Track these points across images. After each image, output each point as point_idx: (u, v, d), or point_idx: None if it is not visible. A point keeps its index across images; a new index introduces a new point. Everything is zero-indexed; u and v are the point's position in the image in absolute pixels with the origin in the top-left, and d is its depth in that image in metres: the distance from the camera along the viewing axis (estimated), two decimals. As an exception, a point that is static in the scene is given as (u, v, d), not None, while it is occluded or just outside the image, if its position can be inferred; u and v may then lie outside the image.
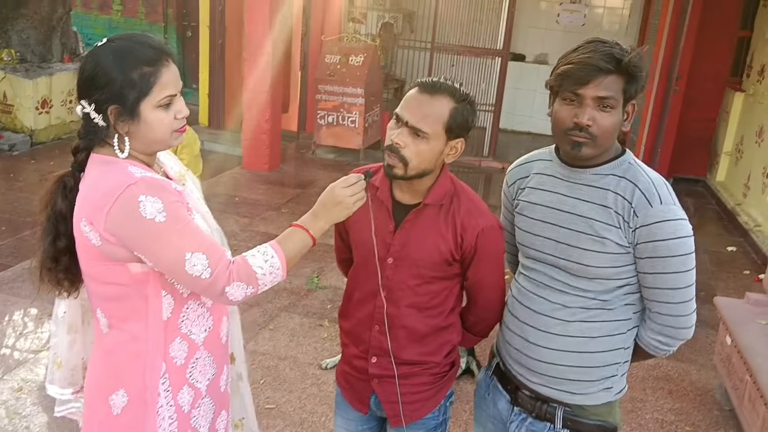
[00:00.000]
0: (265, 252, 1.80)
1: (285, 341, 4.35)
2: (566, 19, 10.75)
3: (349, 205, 1.93)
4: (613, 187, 1.88)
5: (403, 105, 1.97)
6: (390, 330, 2.08)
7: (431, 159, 1.96)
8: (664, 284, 1.86)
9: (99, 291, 1.80)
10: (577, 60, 1.80)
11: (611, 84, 1.79)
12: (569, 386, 1.98)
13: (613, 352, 1.97)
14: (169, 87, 1.73)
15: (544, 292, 1.99)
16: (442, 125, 1.92)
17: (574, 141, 1.85)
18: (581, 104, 1.81)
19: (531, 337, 1.99)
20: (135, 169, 1.71)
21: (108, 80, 1.68)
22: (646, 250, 1.84)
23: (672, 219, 1.82)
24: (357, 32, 8.56)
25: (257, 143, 7.79)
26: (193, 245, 1.69)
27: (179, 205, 1.72)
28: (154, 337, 1.79)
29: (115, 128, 1.72)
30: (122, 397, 1.80)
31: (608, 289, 1.91)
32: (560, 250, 1.94)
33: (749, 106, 7.83)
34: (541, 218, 1.99)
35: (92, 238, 1.69)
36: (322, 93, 8.32)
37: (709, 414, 3.96)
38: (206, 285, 1.71)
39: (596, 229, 1.87)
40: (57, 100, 8.68)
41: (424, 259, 2.02)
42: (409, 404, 2.14)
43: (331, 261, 5.49)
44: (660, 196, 1.83)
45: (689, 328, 1.93)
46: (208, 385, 1.91)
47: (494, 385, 2.17)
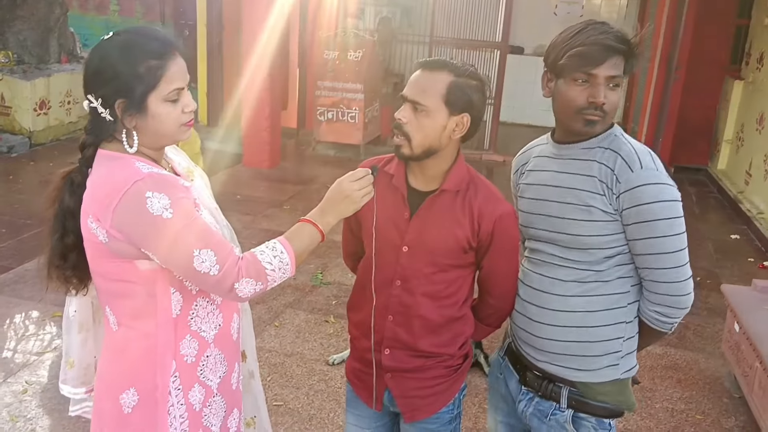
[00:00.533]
0: (274, 248, 1.77)
1: (291, 338, 4.33)
2: (564, 10, 10.72)
3: (357, 199, 1.91)
4: (597, 157, 1.92)
5: (407, 84, 1.99)
6: (404, 320, 2.06)
7: (434, 134, 1.94)
8: (652, 249, 1.87)
9: (107, 288, 1.78)
10: (590, 41, 1.84)
11: (619, 63, 1.86)
12: (573, 362, 2.00)
13: (614, 326, 1.97)
14: (176, 80, 1.71)
15: (541, 269, 2.03)
16: (441, 98, 1.92)
17: (587, 120, 1.89)
18: (595, 84, 1.85)
19: (533, 315, 2.03)
20: (142, 164, 1.69)
21: (115, 74, 1.66)
22: (630, 215, 1.86)
23: (654, 183, 1.84)
24: (355, 28, 8.52)
25: (257, 140, 7.77)
26: (201, 242, 1.66)
27: (186, 201, 1.69)
28: (164, 335, 1.76)
29: (123, 122, 1.69)
30: (133, 396, 1.78)
31: (599, 260, 1.94)
32: (551, 223, 1.99)
33: (749, 93, 7.81)
34: (536, 196, 2.04)
35: (99, 234, 1.67)
36: (321, 89, 8.30)
37: (719, 402, 3.94)
38: (215, 282, 1.69)
39: (582, 198, 1.91)
40: (55, 101, 8.66)
41: (440, 246, 2.00)
42: (424, 398, 2.11)
43: (335, 257, 5.49)
44: (641, 162, 1.86)
45: (687, 296, 1.92)
46: (220, 383, 1.89)
47: (506, 365, 2.21)
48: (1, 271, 4.99)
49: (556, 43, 1.93)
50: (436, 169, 2.01)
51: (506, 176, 2.25)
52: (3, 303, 4.54)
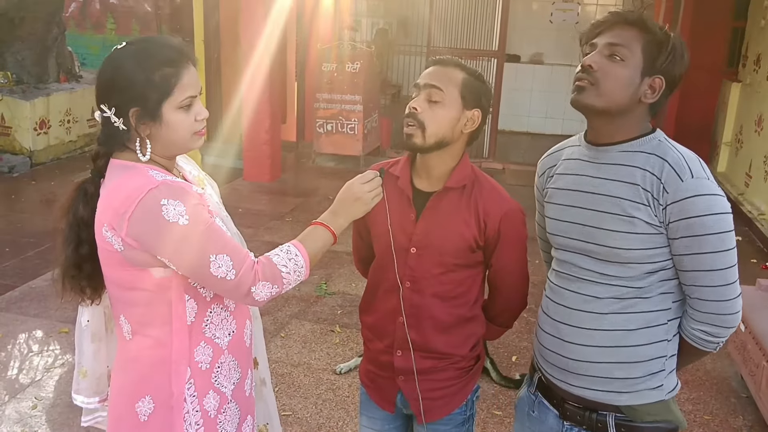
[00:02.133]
0: (288, 251, 1.79)
1: (297, 348, 4.33)
2: (559, 17, 10.79)
3: (367, 200, 1.94)
4: (641, 163, 1.77)
5: (421, 77, 2.01)
6: (416, 321, 2.07)
7: (448, 125, 1.96)
8: (702, 266, 1.72)
9: (122, 297, 1.79)
10: (608, 13, 1.82)
11: (628, 35, 1.74)
12: (613, 385, 1.84)
13: (655, 345, 1.83)
14: (189, 88, 1.72)
15: (574, 285, 1.88)
16: (457, 89, 1.95)
17: (576, 85, 1.78)
18: (594, 50, 1.78)
19: (565, 335, 1.88)
20: (155, 173, 1.70)
21: (129, 82, 1.67)
22: (679, 228, 1.71)
23: (706, 194, 1.69)
24: (352, 39, 8.57)
25: (258, 154, 7.80)
26: (217, 247, 1.68)
27: (201, 208, 1.70)
28: (179, 342, 1.77)
29: (137, 131, 1.70)
30: (148, 404, 1.79)
31: (640, 275, 1.79)
32: (586, 233, 1.83)
33: (747, 95, 7.84)
34: (568, 203, 1.89)
35: (114, 243, 1.68)
36: (320, 101, 8.34)
37: (727, 402, 3.94)
38: (232, 286, 1.70)
39: (624, 208, 1.76)
40: (55, 120, 8.69)
41: (447, 246, 2.01)
42: (436, 400, 2.12)
43: (339, 267, 5.50)
44: (691, 170, 1.71)
45: (734, 314, 1.77)
46: (234, 390, 1.90)
47: (539, 401, 2.03)
48: (7, 290, 4.99)
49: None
50: (442, 167, 2.02)
51: (506, 183, 2.24)
52: (10, 320, 4.55)
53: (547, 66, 10.84)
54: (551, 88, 10.71)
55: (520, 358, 4.31)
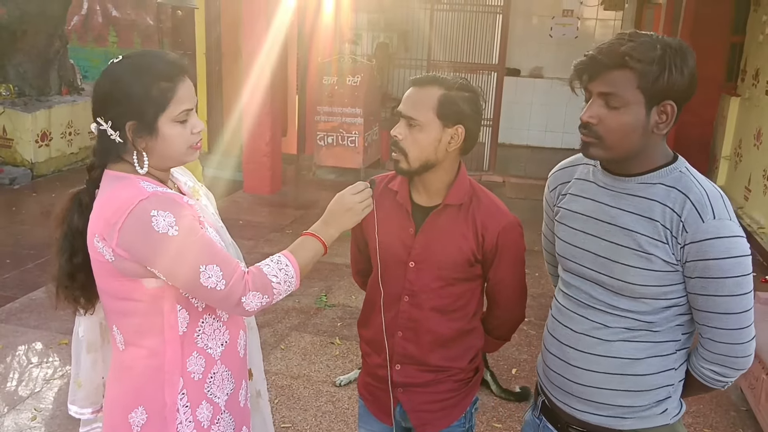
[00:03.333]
0: (278, 261, 1.80)
1: (297, 360, 4.33)
2: (559, 32, 10.83)
3: (358, 211, 1.95)
4: (661, 198, 1.70)
5: (401, 102, 2.01)
6: (414, 335, 2.07)
7: (429, 148, 1.96)
8: (716, 308, 1.68)
9: (114, 307, 1.80)
10: (586, 55, 1.70)
11: (616, 79, 1.64)
12: (617, 411, 1.82)
13: (662, 374, 1.79)
14: (185, 101, 1.74)
15: (584, 311, 1.83)
16: (432, 111, 1.94)
17: (581, 140, 1.74)
18: (591, 101, 1.70)
19: (571, 359, 1.84)
20: (147, 184, 1.72)
21: (126, 96, 1.69)
22: (696, 269, 1.66)
23: (726, 236, 1.64)
24: (353, 53, 8.61)
25: (258, 166, 7.82)
26: (207, 258, 1.69)
27: (191, 219, 1.72)
28: (171, 352, 1.78)
29: (133, 144, 1.72)
30: (141, 415, 1.79)
31: (654, 310, 1.75)
32: (600, 264, 1.78)
33: (745, 109, 7.87)
34: (581, 228, 1.83)
35: (106, 254, 1.69)
36: (321, 114, 8.36)
37: (726, 415, 3.93)
38: (222, 296, 1.71)
39: (641, 244, 1.70)
40: (56, 132, 8.71)
41: (446, 260, 2.02)
42: (435, 412, 2.12)
43: (339, 279, 5.50)
44: (713, 210, 1.65)
45: (746, 358, 1.73)
46: (227, 400, 1.90)
47: (544, 425, 2.00)
48: (7, 301, 4.99)
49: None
50: (438, 184, 2.03)
51: (505, 197, 2.23)
52: (10, 332, 4.54)
53: (546, 80, 10.88)
54: (551, 102, 10.74)
55: (519, 370, 4.31)
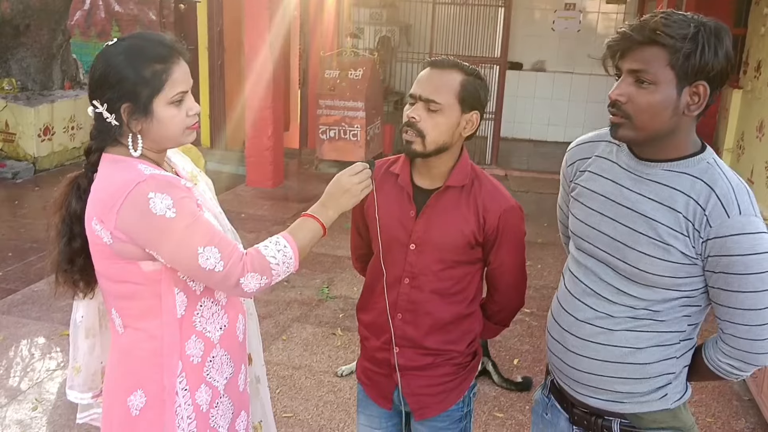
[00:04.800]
0: (277, 242, 1.80)
1: (299, 351, 4.33)
2: (561, 25, 10.81)
3: (356, 192, 1.94)
4: (685, 188, 1.66)
5: (416, 83, 2.00)
6: (413, 317, 2.08)
7: (448, 131, 1.96)
8: (738, 304, 1.65)
9: (113, 290, 1.80)
10: (618, 31, 1.66)
11: (647, 56, 1.60)
12: (616, 396, 1.81)
13: (663, 363, 1.78)
14: (180, 83, 1.74)
15: (589, 299, 1.81)
16: (454, 95, 1.95)
17: (610, 121, 1.70)
18: (621, 78, 1.67)
19: (571, 346, 1.84)
20: (144, 166, 1.71)
21: (120, 78, 1.69)
22: (719, 264, 1.63)
23: (752, 232, 1.59)
24: (354, 47, 8.60)
25: (260, 160, 7.82)
26: (205, 239, 1.69)
27: (189, 201, 1.72)
28: (170, 335, 1.79)
29: (129, 126, 1.72)
30: (140, 398, 1.80)
31: (663, 299, 1.72)
32: (615, 248, 1.75)
33: (748, 102, 7.84)
34: (599, 209, 1.79)
35: (104, 236, 1.69)
36: (323, 108, 8.36)
37: (729, 404, 3.93)
38: (220, 278, 1.71)
39: (660, 234, 1.67)
40: (59, 127, 8.72)
41: (447, 243, 2.02)
42: (434, 396, 2.13)
43: (341, 271, 5.51)
44: (739, 205, 1.61)
45: (766, 354, 1.70)
46: (226, 384, 1.90)
47: (552, 404, 2.01)
48: (9, 293, 5.00)
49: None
50: (442, 167, 2.03)
51: (509, 190, 2.16)
52: (12, 323, 4.55)
53: (549, 73, 10.86)
54: (553, 96, 10.73)
55: (521, 360, 4.31)
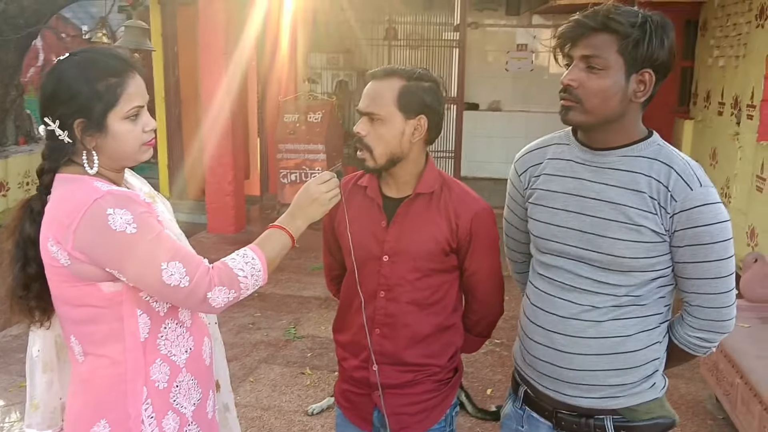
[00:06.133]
0: (245, 254, 1.74)
1: (267, 392, 4.21)
2: (514, 66, 11.02)
3: (324, 201, 1.90)
4: (645, 170, 1.73)
5: (361, 98, 1.99)
6: (391, 331, 2.02)
7: (394, 141, 1.94)
8: (706, 274, 1.71)
9: (71, 315, 1.71)
10: (570, 20, 1.72)
11: (599, 42, 1.67)
12: (609, 391, 1.82)
13: (649, 349, 1.82)
14: (135, 98, 1.69)
15: (569, 294, 1.81)
16: (393, 104, 1.93)
17: (561, 105, 1.75)
18: (573, 65, 1.73)
19: (561, 346, 1.82)
20: (101, 183, 1.65)
21: (73, 93, 1.63)
22: (685, 237, 1.69)
23: (713, 202, 1.68)
24: (313, 91, 8.64)
25: (221, 206, 7.75)
26: (168, 254, 1.62)
27: (149, 216, 1.65)
28: (133, 360, 1.69)
29: (83, 143, 1.66)
30: (104, 429, 1.69)
31: (642, 282, 1.76)
32: (586, 240, 1.77)
33: (699, 131, 8.04)
34: (563, 207, 1.82)
35: (60, 258, 1.61)
36: (283, 152, 8.33)
37: (704, 424, 3.91)
38: (186, 293, 1.63)
39: (630, 216, 1.71)
40: (14, 182, 8.54)
41: (420, 250, 1.98)
42: (414, 415, 2.06)
43: (307, 311, 5.43)
44: (698, 178, 1.69)
45: (731, 320, 1.78)
46: (194, 411, 1.81)
47: (528, 415, 1.97)
48: (-38, 349, 4.81)
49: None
50: (406, 175, 2.01)
51: None
52: (-35, 378, 4.37)
53: (505, 112, 11.03)
54: (510, 134, 10.86)
55: (494, 390, 4.25)
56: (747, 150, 6.48)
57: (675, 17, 8.33)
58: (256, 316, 5.39)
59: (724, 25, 7.43)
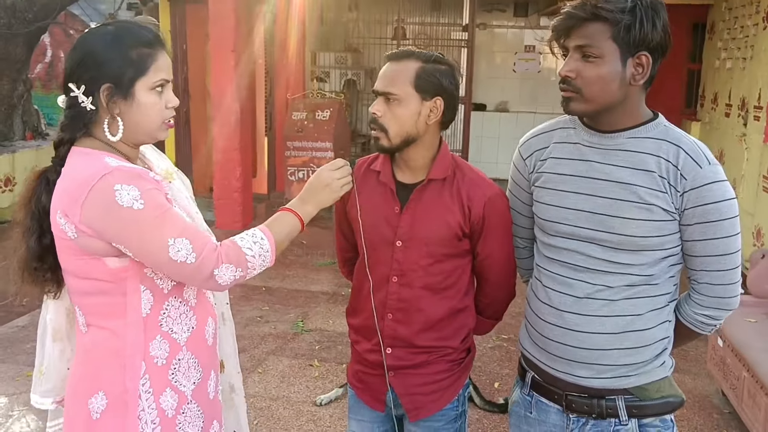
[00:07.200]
0: (254, 234, 1.75)
1: (276, 383, 4.24)
2: (522, 67, 11.06)
3: (336, 188, 1.92)
4: (653, 150, 1.75)
5: (377, 79, 2.00)
6: (405, 316, 2.04)
7: (410, 122, 1.95)
8: (714, 251, 1.75)
9: (77, 287, 1.72)
10: (561, 12, 1.75)
11: (591, 31, 1.70)
12: (621, 370, 1.83)
13: (659, 327, 1.84)
14: (163, 71, 1.71)
15: (582, 275, 1.83)
16: (410, 84, 1.93)
17: (562, 96, 1.78)
18: (569, 56, 1.76)
19: (574, 325, 1.83)
20: (111, 159, 1.65)
21: (105, 59, 1.65)
22: (695, 215, 1.72)
23: (721, 180, 1.72)
24: (321, 90, 8.68)
25: (229, 202, 7.78)
26: (175, 231, 1.62)
27: (157, 193, 1.65)
28: (133, 334, 1.70)
29: (108, 108, 1.66)
30: (101, 400, 1.70)
31: (654, 261, 1.78)
32: (598, 221, 1.79)
33: (706, 133, 8.05)
34: (573, 189, 1.83)
35: (68, 230, 1.62)
36: (291, 149, 8.36)
37: (710, 418, 3.93)
38: (192, 270, 1.63)
39: (641, 196, 1.74)
40: (20, 177, 8.57)
41: (433, 236, 1.99)
42: (428, 395, 2.08)
43: (315, 305, 5.46)
44: (706, 156, 1.72)
45: (737, 297, 1.81)
46: (194, 390, 1.80)
47: (536, 401, 1.98)
48: (-28, 338, 4.84)
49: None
50: (420, 160, 2.02)
51: None
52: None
53: (512, 114, 11.07)
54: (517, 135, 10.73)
55: (502, 384, 4.27)
56: (754, 151, 6.50)
57: (683, 20, 8.39)
58: (264, 309, 5.41)
59: (731, 27, 7.45)
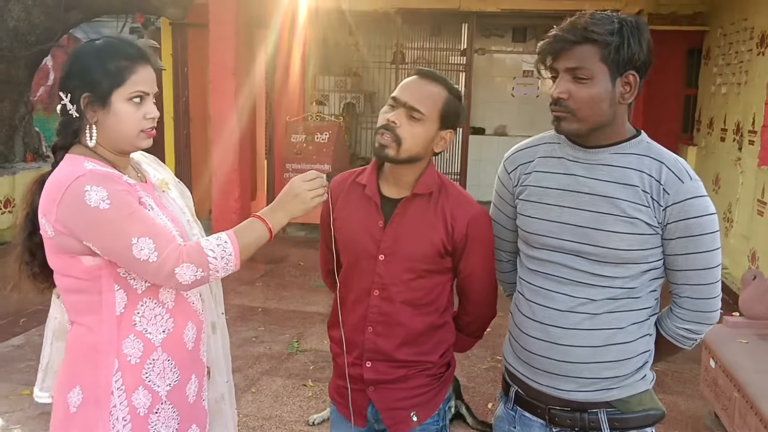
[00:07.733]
0: (218, 237, 1.82)
1: (269, 402, 4.24)
2: (520, 91, 11.16)
3: (306, 199, 1.94)
4: (636, 165, 1.79)
5: (401, 88, 2.01)
6: (385, 329, 2.06)
7: (423, 143, 1.98)
8: (695, 265, 1.79)
9: (60, 284, 1.84)
10: (549, 35, 1.80)
11: (582, 54, 1.74)
12: (603, 384, 1.86)
13: (641, 341, 1.87)
14: (142, 84, 1.80)
15: (566, 288, 1.85)
16: (438, 110, 1.97)
17: (554, 116, 1.82)
18: (559, 78, 1.80)
19: (558, 338, 1.86)
20: (90, 163, 1.76)
21: (85, 69, 1.76)
22: (677, 229, 1.76)
23: (702, 195, 1.77)
24: (320, 113, 8.76)
25: (228, 223, 7.79)
26: (139, 231, 1.72)
27: (125, 194, 1.75)
28: (107, 331, 1.79)
29: (86, 116, 1.77)
30: (78, 395, 1.80)
31: (636, 274, 1.81)
32: (582, 234, 1.82)
33: (703, 158, 8.11)
34: (557, 203, 1.87)
35: (48, 229, 1.74)
36: (290, 171, 8.42)
37: (702, 440, 3.93)
38: (155, 268, 1.72)
39: (624, 209, 1.78)
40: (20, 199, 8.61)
41: (416, 252, 2.01)
42: (408, 409, 2.09)
43: (310, 326, 5.47)
44: (688, 172, 1.78)
45: (717, 312, 1.85)
46: (170, 391, 1.86)
47: (520, 415, 1.99)
48: (-32, 356, 4.85)
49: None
50: (410, 177, 2.05)
51: None
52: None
53: (510, 137, 11.11)
54: (516, 160, 10.96)
55: (495, 405, 4.26)
56: (749, 175, 6.54)
57: (679, 46, 8.47)
58: (259, 330, 5.43)
59: (726, 53, 7.53)
